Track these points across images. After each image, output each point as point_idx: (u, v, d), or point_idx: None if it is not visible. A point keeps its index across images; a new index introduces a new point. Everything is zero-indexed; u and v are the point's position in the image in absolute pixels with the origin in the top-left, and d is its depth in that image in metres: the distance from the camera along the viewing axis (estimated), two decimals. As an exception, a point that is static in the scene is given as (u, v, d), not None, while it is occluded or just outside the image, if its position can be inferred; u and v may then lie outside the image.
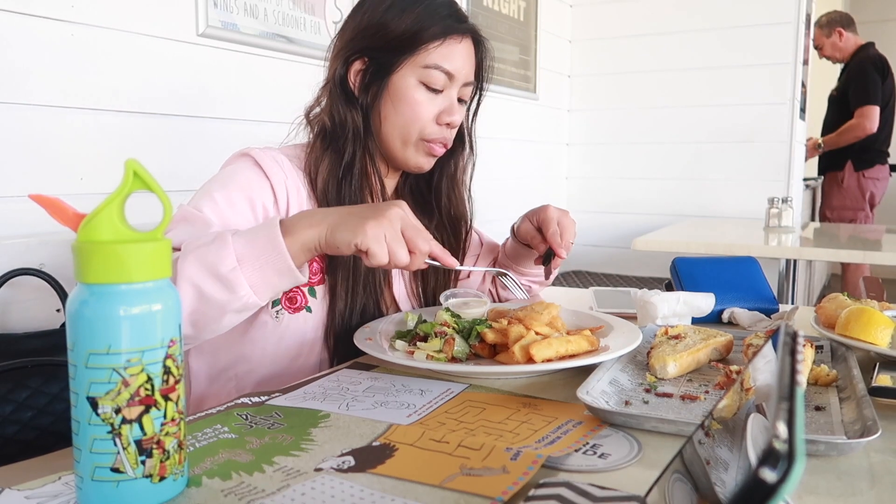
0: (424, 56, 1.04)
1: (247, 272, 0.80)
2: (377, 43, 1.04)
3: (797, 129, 3.27)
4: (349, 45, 1.07)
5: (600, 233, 3.62)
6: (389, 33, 1.04)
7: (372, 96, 1.06)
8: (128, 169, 0.53)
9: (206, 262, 0.79)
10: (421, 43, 1.03)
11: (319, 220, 0.82)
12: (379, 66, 1.05)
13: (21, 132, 1.35)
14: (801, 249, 2.42)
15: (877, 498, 0.56)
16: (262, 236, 0.81)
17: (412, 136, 1.06)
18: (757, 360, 0.46)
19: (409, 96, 1.04)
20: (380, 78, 1.05)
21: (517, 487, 0.55)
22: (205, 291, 0.79)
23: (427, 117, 1.06)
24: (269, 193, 1.01)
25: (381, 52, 1.04)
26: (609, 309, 1.22)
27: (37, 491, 0.56)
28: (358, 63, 1.06)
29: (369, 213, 0.81)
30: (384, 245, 0.80)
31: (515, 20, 3.10)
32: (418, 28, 1.03)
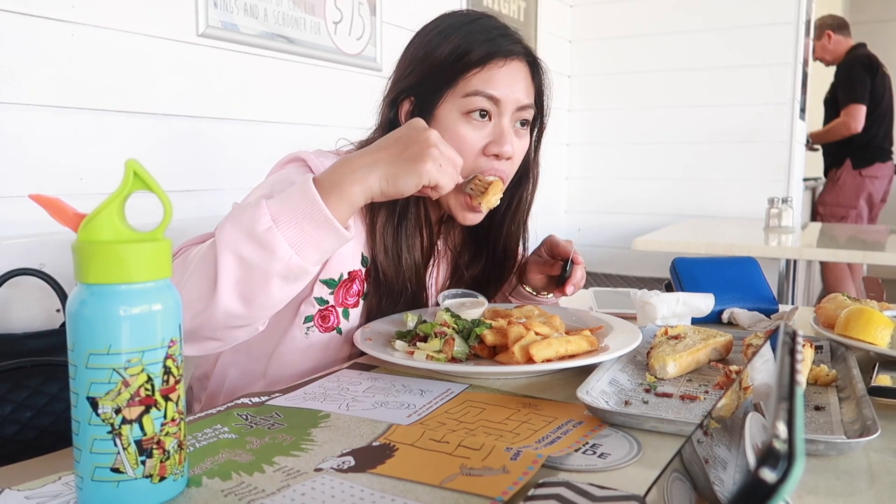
0: (465, 85, 0.97)
1: (283, 229, 0.76)
2: (420, 79, 1.00)
3: (797, 129, 3.27)
4: (396, 85, 1.03)
5: (600, 233, 3.62)
6: (431, 66, 0.99)
7: None
8: (128, 169, 0.53)
9: (241, 225, 0.76)
10: (461, 72, 0.97)
11: (364, 174, 0.79)
12: (424, 103, 1.00)
13: (21, 132, 1.35)
14: (801, 249, 2.42)
15: (876, 497, 0.57)
16: (296, 192, 0.78)
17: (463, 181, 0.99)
18: (756, 360, 0.47)
19: (453, 131, 0.97)
20: (425, 116, 0.98)
21: (517, 487, 0.55)
22: (244, 256, 0.76)
23: (474, 151, 0.99)
24: None
25: (425, 88, 1.00)
26: (609, 309, 1.22)
27: (37, 491, 0.56)
28: (406, 103, 1.02)
29: (414, 149, 0.80)
30: (446, 173, 0.82)
31: (515, 20, 3.10)
32: (458, 55, 0.98)
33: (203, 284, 0.77)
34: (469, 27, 1.01)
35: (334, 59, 2.07)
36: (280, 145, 1.87)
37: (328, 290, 0.99)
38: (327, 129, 2.05)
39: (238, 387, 1.05)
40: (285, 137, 1.91)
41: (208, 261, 0.77)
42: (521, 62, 1.02)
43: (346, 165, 0.81)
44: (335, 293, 0.99)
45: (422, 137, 0.81)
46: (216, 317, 0.78)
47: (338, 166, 0.81)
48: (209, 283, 0.77)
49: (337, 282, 0.99)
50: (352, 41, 2.13)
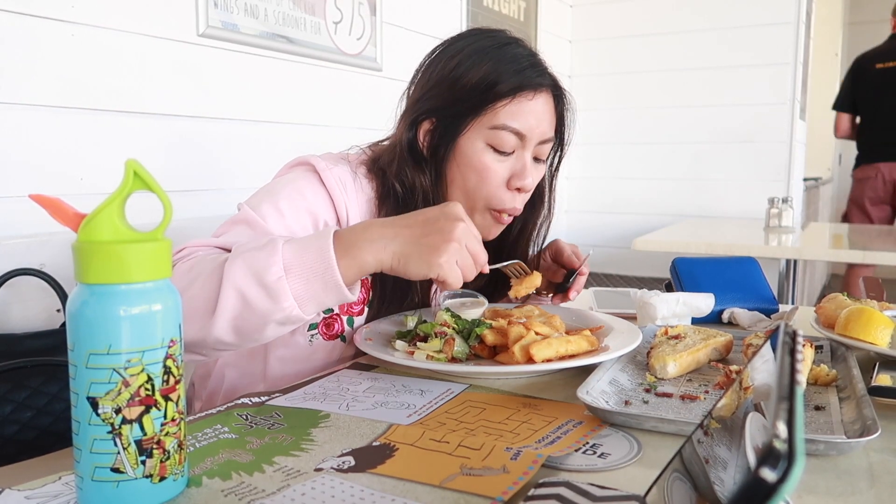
0: (492, 116, 0.97)
1: (293, 283, 0.76)
2: (445, 102, 0.99)
3: (797, 130, 3.27)
4: (417, 105, 1.01)
5: (600, 233, 3.62)
6: (458, 91, 0.98)
7: (440, 160, 1.00)
8: (128, 169, 0.53)
9: (253, 267, 0.76)
10: (489, 102, 0.97)
11: (382, 247, 0.78)
12: (447, 128, 0.99)
13: (21, 132, 1.35)
14: (801, 249, 2.42)
15: (876, 497, 0.57)
16: (314, 248, 0.77)
17: (478, 204, 1.01)
18: (756, 360, 0.47)
19: (477, 160, 0.98)
20: (447, 141, 0.99)
21: (517, 487, 0.55)
22: (248, 298, 0.76)
23: (496, 183, 0.99)
24: (332, 213, 0.97)
25: (450, 112, 0.98)
26: (609, 309, 1.22)
27: (37, 491, 0.56)
28: (427, 123, 1.01)
29: (436, 238, 0.78)
30: (458, 270, 0.79)
31: (515, 20, 3.10)
32: (487, 84, 0.97)
33: (200, 307, 0.77)
34: (499, 53, 0.99)
35: (334, 59, 2.07)
36: (280, 145, 1.88)
37: None
38: (327, 129, 2.05)
39: (237, 387, 1.05)
40: (285, 137, 1.91)
41: (211, 285, 0.77)
42: (548, 94, 1.02)
43: (368, 231, 0.80)
44: None
45: (447, 228, 0.79)
46: (206, 340, 0.79)
47: (360, 229, 0.80)
48: (207, 307, 0.77)
49: None
50: (352, 41, 2.13)
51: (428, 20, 2.54)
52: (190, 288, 0.78)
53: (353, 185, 1.00)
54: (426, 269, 0.78)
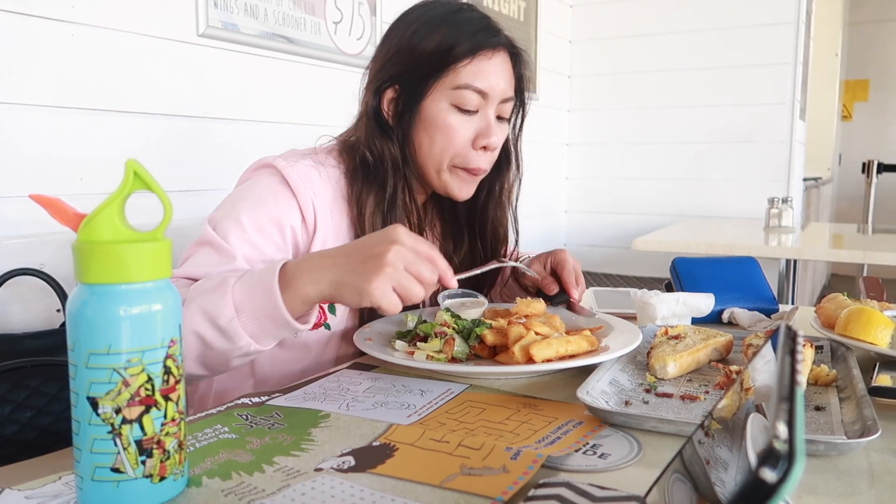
0: (454, 77, 0.99)
1: (244, 322, 0.78)
2: (406, 68, 1.01)
3: (797, 130, 3.27)
4: (379, 74, 1.04)
5: (600, 233, 3.62)
6: (417, 57, 1.00)
7: (406, 125, 1.02)
8: (128, 169, 0.53)
9: (206, 311, 0.79)
10: (449, 63, 0.99)
11: (320, 277, 0.78)
12: (410, 93, 1.01)
13: (21, 132, 1.35)
14: (801, 249, 2.42)
15: (876, 498, 0.57)
16: (260, 288, 0.78)
17: (445, 164, 1.03)
18: (756, 361, 0.47)
19: (442, 121, 1.00)
20: (412, 105, 1.01)
21: (517, 487, 0.55)
22: (207, 340, 0.80)
23: (462, 142, 1.02)
24: (297, 213, 0.97)
25: (411, 77, 1.01)
26: (609, 309, 1.22)
27: (37, 491, 0.56)
28: (390, 92, 1.03)
29: (369, 265, 0.76)
30: (393, 295, 0.76)
31: (515, 20, 3.11)
32: (445, 47, 0.99)
33: None
34: (455, 18, 1.02)
35: (334, 59, 2.07)
36: (280, 145, 1.87)
37: None
38: (327, 129, 2.04)
39: (227, 388, 1.05)
40: (285, 137, 1.91)
41: None
42: (505, 54, 1.04)
43: (309, 263, 0.80)
44: None
45: (381, 252, 0.76)
46: None
47: (304, 261, 0.81)
48: None
49: None
50: (352, 41, 2.13)
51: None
52: None
53: (319, 176, 1.00)
54: (358, 297, 0.76)
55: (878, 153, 5.04)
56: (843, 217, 6.02)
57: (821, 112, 4.71)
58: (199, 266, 0.89)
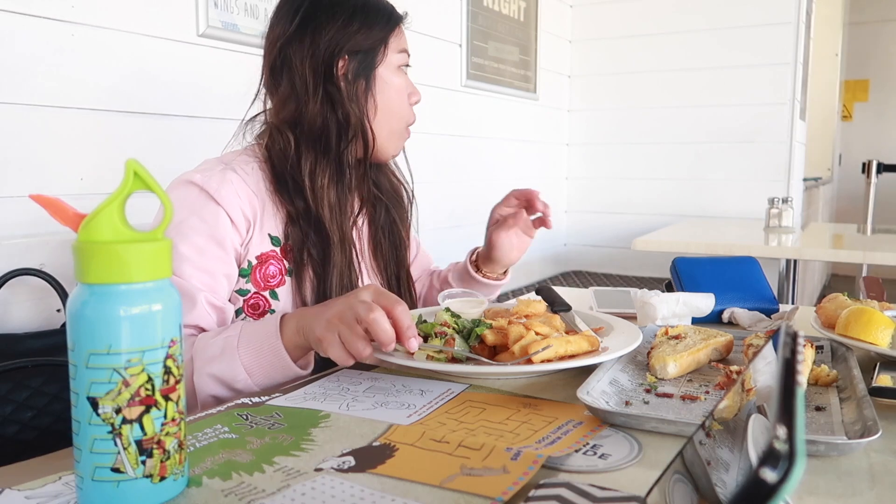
0: (396, 41, 1.06)
1: (257, 379, 0.86)
2: (350, 41, 1.03)
3: (797, 130, 3.27)
4: (326, 53, 1.03)
5: (600, 233, 3.62)
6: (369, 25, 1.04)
7: (362, 90, 1.04)
8: (128, 169, 0.53)
9: (220, 378, 0.86)
10: (391, 29, 1.06)
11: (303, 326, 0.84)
12: (362, 61, 1.04)
13: (21, 132, 1.35)
14: (801, 249, 2.42)
15: (877, 498, 0.56)
16: (268, 350, 0.85)
17: (402, 124, 1.09)
18: (757, 361, 0.46)
19: (396, 85, 1.06)
20: (367, 73, 1.04)
21: (517, 487, 0.55)
22: (222, 398, 0.87)
23: (407, 101, 1.09)
24: (227, 222, 0.98)
25: (360, 47, 1.04)
26: (609, 309, 1.22)
27: (37, 491, 0.56)
28: (340, 62, 1.03)
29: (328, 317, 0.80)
30: (339, 349, 0.79)
31: (515, 20, 3.11)
32: (387, 14, 1.06)
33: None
34: None
35: (334, 58, 2.06)
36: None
37: (244, 280, 1.00)
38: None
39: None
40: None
41: (187, 385, 0.86)
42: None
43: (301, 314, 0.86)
44: (252, 279, 1.00)
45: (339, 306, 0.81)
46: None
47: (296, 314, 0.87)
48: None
49: (248, 269, 1.00)
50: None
51: (428, 20, 2.54)
52: None
53: (241, 179, 1.00)
54: (315, 344, 0.83)
55: (878, 153, 5.04)
56: (843, 217, 6.02)
57: (821, 112, 4.71)
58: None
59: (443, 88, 2.67)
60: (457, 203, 2.81)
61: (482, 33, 2.86)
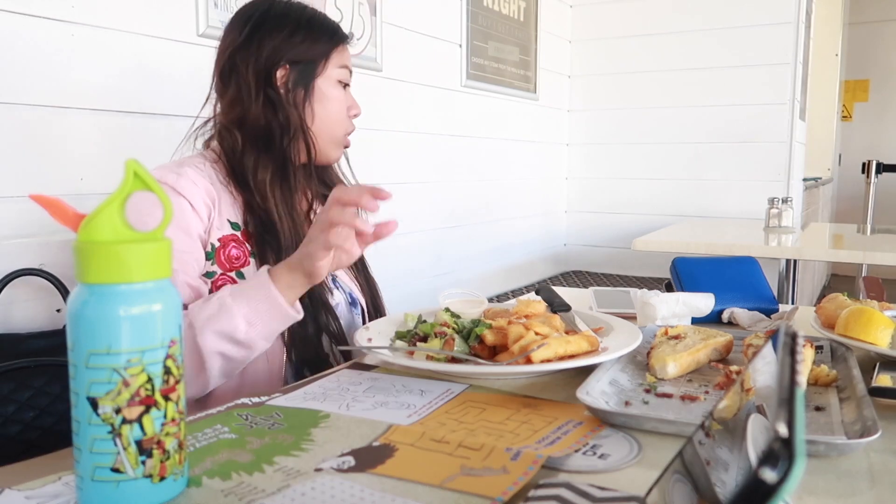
0: (338, 57, 1.14)
1: (258, 329, 0.90)
2: (292, 52, 1.10)
3: (797, 130, 3.27)
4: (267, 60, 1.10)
5: (600, 233, 3.62)
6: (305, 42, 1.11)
7: (300, 98, 1.12)
8: (128, 169, 0.53)
9: (222, 332, 0.90)
10: (333, 46, 1.14)
11: (292, 264, 0.91)
12: (302, 72, 1.12)
13: (21, 132, 1.35)
14: (801, 249, 2.42)
15: (877, 498, 0.57)
16: (263, 298, 0.90)
17: (340, 133, 1.16)
18: (757, 361, 0.47)
19: (333, 97, 1.14)
20: (306, 82, 1.12)
21: (517, 488, 0.55)
22: (229, 355, 0.91)
23: (344, 112, 1.17)
24: (190, 211, 1.03)
25: (301, 58, 1.11)
26: (609, 309, 1.22)
27: (37, 491, 0.56)
28: (281, 70, 1.10)
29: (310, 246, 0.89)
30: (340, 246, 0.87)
31: (515, 20, 3.11)
32: (332, 30, 1.14)
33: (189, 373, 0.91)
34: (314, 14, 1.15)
35: (334, 59, 2.06)
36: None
37: (210, 262, 1.05)
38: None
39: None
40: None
41: (193, 354, 0.91)
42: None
43: (287, 261, 0.92)
44: (217, 261, 1.05)
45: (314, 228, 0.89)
46: (205, 391, 0.96)
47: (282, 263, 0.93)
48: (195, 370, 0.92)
49: (213, 252, 1.05)
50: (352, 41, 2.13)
51: (428, 20, 2.54)
52: None
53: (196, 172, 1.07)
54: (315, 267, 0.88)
55: (877, 153, 5.04)
56: (843, 217, 6.02)
57: (821, 112, 4.71)
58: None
59: (443, 88, 2.67)
60: (457, 203, 2.81)
61: (482, 33, 2.87)
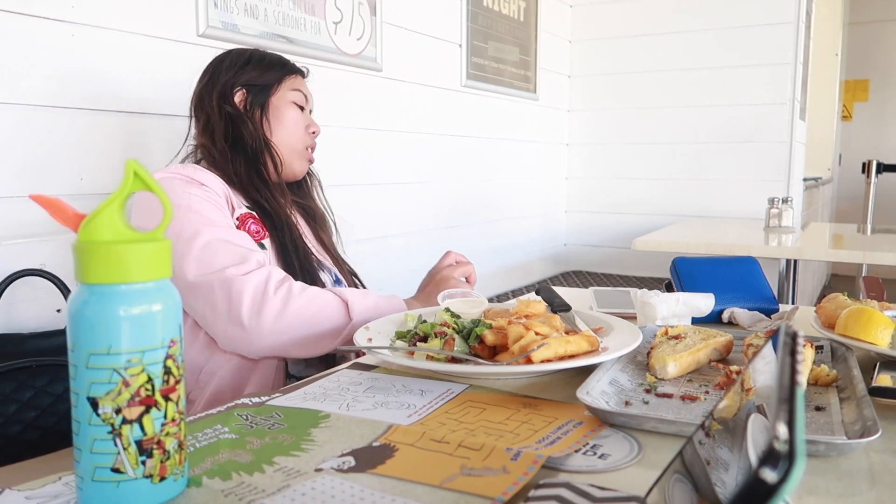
0: (290, 82, 1.32)
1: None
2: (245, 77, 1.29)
3: (797, 130, 3.27)
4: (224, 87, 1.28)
5: (600, 233, 3.62)
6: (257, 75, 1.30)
7: (258, 115, 1.29)
8: (128, 169, 0.53)
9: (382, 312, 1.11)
10: (285, 74, 1.32)
11: (422, 300, 1.23)
12: (257, 93, 1.29)
13: (21, 132, 1.35)
14: (801, 249, 2.42)
15: (877, 498, 0.57)
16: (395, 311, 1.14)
17: (300, 145, 1.32)
18: (757, 361, 0.47)
19: (288, 116, 1.32)
20: (262, 101, 1.30)
21: (517, 488, 0.55)
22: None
23: (301, 129, 1.33)
24: (213, 194, 1.16)
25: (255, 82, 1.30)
26: (609, 309, 1.22)
27: (37, 491, 0.56)
28: (238, 94, 1.28)
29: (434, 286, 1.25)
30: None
31: (515, 20, 3.11)
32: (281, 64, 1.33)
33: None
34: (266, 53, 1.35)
35: (334, 59, 2.07)
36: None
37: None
38: (327, 129, 2.05)
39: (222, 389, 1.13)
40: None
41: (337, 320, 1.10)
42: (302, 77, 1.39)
43: (417, 299, 1.26)
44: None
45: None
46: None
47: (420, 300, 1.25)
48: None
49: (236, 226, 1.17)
50: (352, 41, 2.13)
51: (428, 20, 2.54)
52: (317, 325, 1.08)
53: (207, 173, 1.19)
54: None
55: (877, 153, 5.04)
56: (843, 217, 6.02)
57: (821, 112, 4.71)
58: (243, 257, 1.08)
59: (443, 88, 2.67)
60: (457, 203, 2.81)
61: (482, 33, 2.87)
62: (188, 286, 1.05)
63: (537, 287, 1.27)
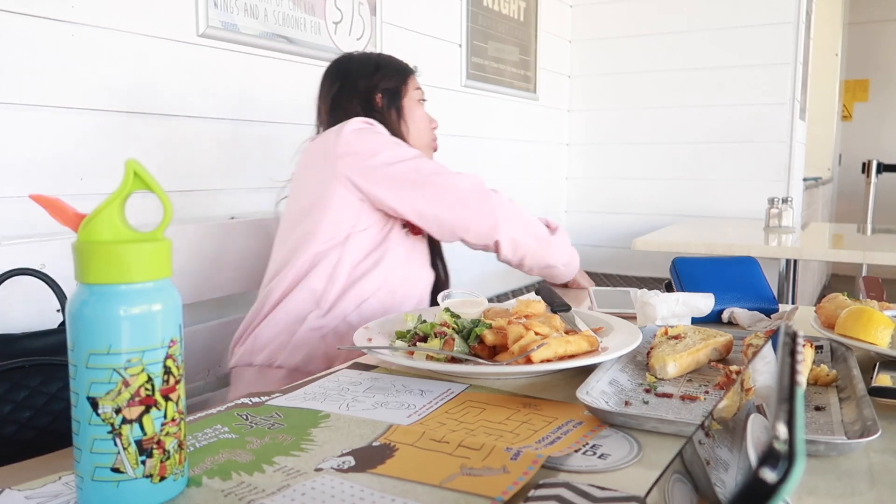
0: (412, 82, 1.50)
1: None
2: (384, 84, 1.47)
3: (797, 130, 3.27)
4: (366, 91, 1.46)
5: (600, 233, 3.62)
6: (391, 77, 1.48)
7: (395, 115, 1.47)
8: (128, 169, 0.53)
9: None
10: (408, 75, 1.50)
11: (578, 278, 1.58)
12: (392, 96, 1.47)
13: (21, 132, 1.35)
14: (801, 249, 2.42)
15: (877, 498, 0.56)
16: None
17: (428, 140, 1.51)
18: (757, 361, 0.47)
19: (417, 114, 1.49)
20: (396, 103, 1.47)
21: (517, 487, 0.55)
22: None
23: (427, 126, 1.51)
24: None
25: (389, 87, 1.47)
26: (609, 309, 1.22)
27: (37, 491, 0.56)
28: (378, 96, 1.46)
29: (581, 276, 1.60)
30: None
31: (515, 20, 3.10)
32: (403, 67, 1.51)
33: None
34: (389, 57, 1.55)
35: (334, 59, 2.06)
36: (280, 145, 1.88)
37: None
38: (327, 129, 2.05)
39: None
40: (285, 137, 1.91)
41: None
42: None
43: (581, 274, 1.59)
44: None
45: None
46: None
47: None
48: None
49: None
50: (352, 41, 2.13)
51: (428, 20, 2.54)
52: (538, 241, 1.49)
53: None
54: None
55: (878, 153, 5.04)
56: (843, 217, 6.02)
57: (821, 112, 4.71)
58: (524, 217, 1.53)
59: (443, 88, 2.67)
60: (457, 203, 2.81)
61: (482, 33, 2.87)
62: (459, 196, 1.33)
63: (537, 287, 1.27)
